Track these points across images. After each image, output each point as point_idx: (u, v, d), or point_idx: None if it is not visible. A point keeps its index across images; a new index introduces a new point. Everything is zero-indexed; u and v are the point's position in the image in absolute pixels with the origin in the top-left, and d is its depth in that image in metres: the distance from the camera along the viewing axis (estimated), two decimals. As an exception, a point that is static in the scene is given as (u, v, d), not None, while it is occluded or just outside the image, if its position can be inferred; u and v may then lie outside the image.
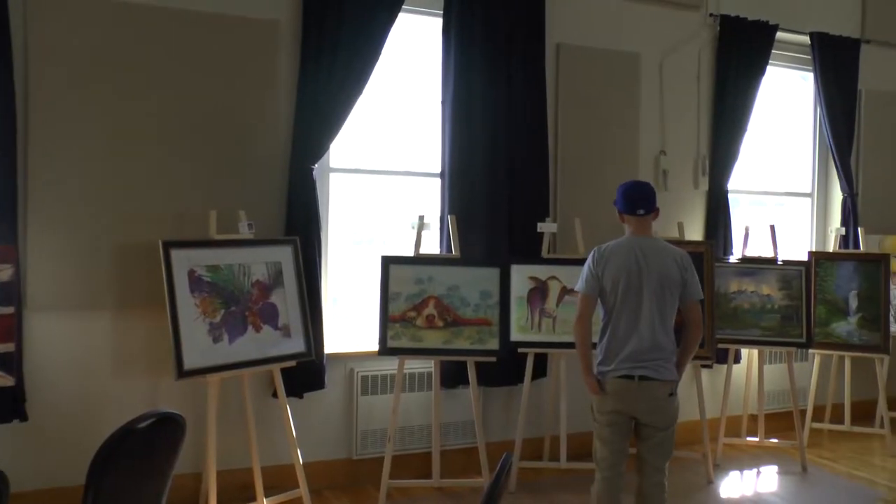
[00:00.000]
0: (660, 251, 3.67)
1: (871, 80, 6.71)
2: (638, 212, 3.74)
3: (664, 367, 3.57)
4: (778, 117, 6.63)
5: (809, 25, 6.35)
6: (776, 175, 6.63)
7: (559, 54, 5.34)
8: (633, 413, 3.59)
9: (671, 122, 5.79)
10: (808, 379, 6.06)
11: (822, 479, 5.23)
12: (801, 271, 5.60)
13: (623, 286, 3.60)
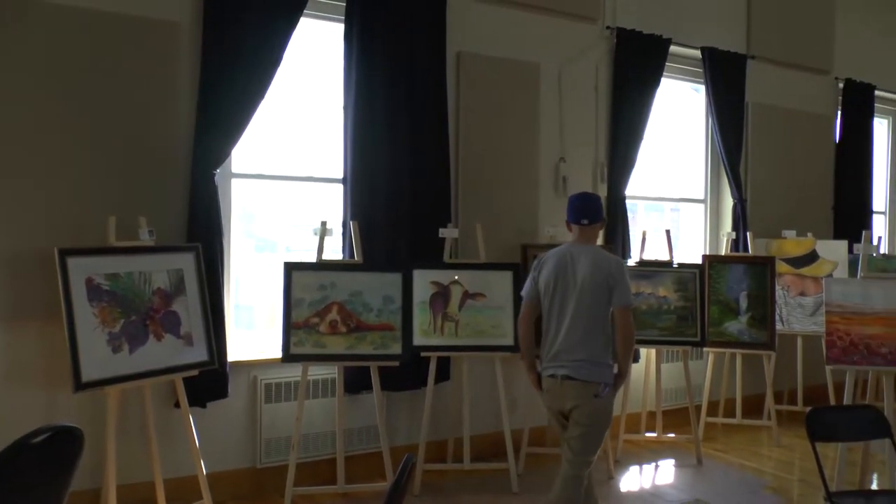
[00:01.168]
0: (591, 258, 3.89)
1: (757, 93, 7.23)
2: (582, 221, 4.01)
3: (587, 368, 3.78)
4: (673, 127, 7.05)
5: (701, 40, 6.80)
6: (672, 182, 7.04)
7: (460, 62, 5.55)
8: (561, 409, 3.87)
9: (570, 131, 6.09)
10: (703, 376, 6.47)
11: (716, 469, 5.61)
12: (696, 274, 5.98)
13: (552, 290, 3.90)
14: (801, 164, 7.65)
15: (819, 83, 7.88)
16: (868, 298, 4.62)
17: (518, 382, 5.71)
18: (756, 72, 7.21)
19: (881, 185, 9.03)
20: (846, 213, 7.98)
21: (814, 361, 6.70)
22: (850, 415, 4.09)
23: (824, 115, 7.94)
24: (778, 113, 7.44)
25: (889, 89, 8.57)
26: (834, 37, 7.97)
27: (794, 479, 5.45)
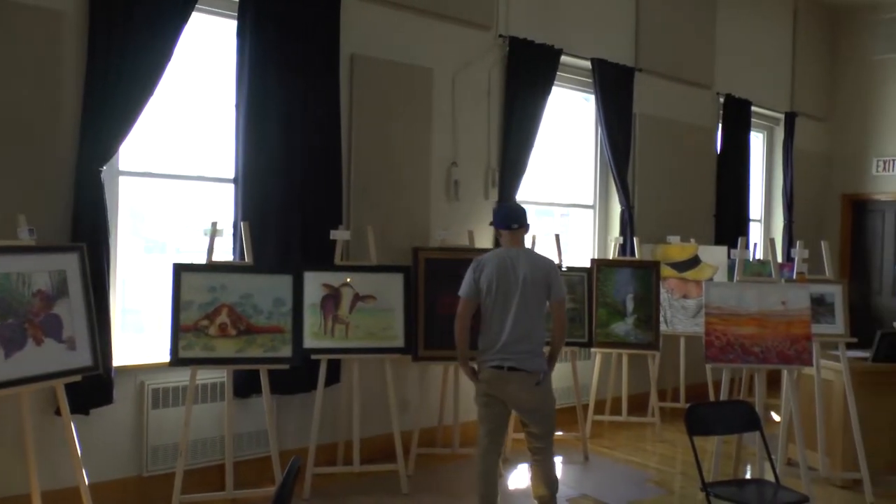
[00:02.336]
0: (528, 259, 4.36)
1: (644, 104, 7.61)
2: (512, 226, 4.44)
3: (530, 359, 4.23)
4: (564, 134, 7.32)
5: (591, 52, 7.11)
6: (562, 188, 7.29)
7: (353, 64, 5.62)
8: (504, 398, 4.27)
9: (463, 135, 6.25)
10: (591, 376, 6.72)
11: (602, 465, 5.88)
12: (584, 277, 6.24)
13: (495, 289, 4.28)
14: (685, 174, 8.08)
15: (702, 97, 8.34)
16: (743, 300, 4.93)
17: (408, 384, 5.82)
18: (643, 84, 7.57)
19: (757, 194, 9.60)
20: (726, 221, 8.46)
21: (696, 360, 7.06)
22: (725, 410, 4.38)
23: (706, 127, 8.41)
24: (664, 124, 7.84)
25: (764, 106, 9.18)
26: (715, 54, 8.47)
27: (675, 471, 5.77)
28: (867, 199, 10.21)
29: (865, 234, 10.27)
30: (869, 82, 10.11)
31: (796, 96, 9.76)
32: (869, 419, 5.44)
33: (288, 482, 2.22)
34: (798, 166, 9.60)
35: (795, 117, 9.60)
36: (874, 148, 10.08)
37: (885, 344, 5.65)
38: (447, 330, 5.44)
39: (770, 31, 9.40)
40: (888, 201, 10.03)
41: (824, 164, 10.39)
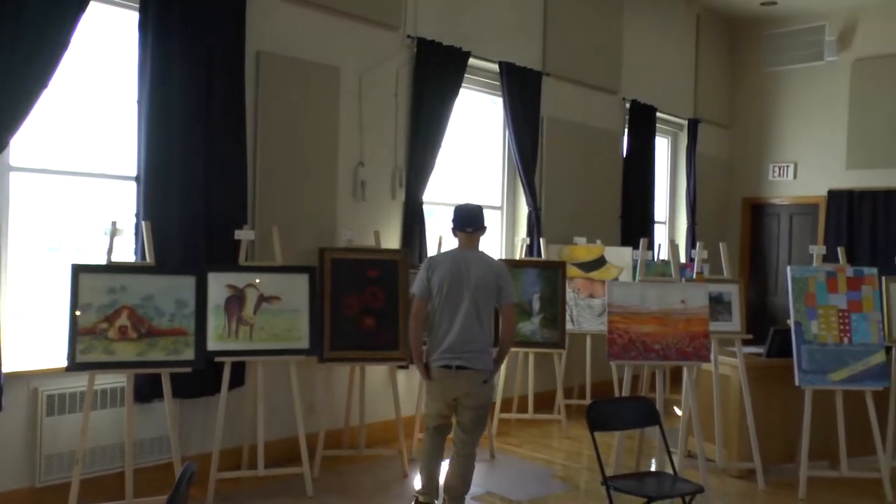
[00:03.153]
0: (480, 262, 4.53)
1: (552, 108, 7.78)
2: (467, 229, 4.59)
3: (478, 358, 4.42)
4: (473, 136, 7.40)
5: (499, 55, 7.22)
6: (470, 189, 7.37)
7: (259, 61, 5.56)
8: (452, 395, 4.44)
9: (370, 136, 6.26)
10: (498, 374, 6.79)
11: (508, 462, 5.98)
12: (489, 278, 6.29)
13: (446, 290, 4.44)
14: (592, 176, 8.29)
15: (608, 102, 8.58)
16: (644, 300, 5.09)
17: (314, 385, 5.79)
18: (551, 88, 7.73)
19: (662, 197, 9.92)
20: (632, 222, 8.72)
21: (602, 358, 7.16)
22: (626, 406, 4.53)
23: (613, 131, 8.65)
24: (571, 128, 8.02)
25: (668, 112, 9.51)
26: (621, 61, 8.72)
27: (580, 467, 5.94)
28: (765, 202, 10.68)
29: (763, 236, 10.75)
30: (764, 93, 10.60)
31: (699, 104, 10.14)
32: (763, 412, 5.73)
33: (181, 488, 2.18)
34: (701, 171, 9.98)
35: (698, 124, 9.97)
36: (770, 154, 10.57)
37: (778, 340, 5.93)
38: (353, 331, 5.53)
39: (674, 41, 9.74)
40: (783, 205, 10.53)
41: (725, 169, 10.81)
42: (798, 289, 5.66)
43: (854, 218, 9.78)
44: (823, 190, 10.03)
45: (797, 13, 10.07)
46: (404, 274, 5.72)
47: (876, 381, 5.55)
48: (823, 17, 9.97)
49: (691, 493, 4.00)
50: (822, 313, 5.63)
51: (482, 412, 4.51)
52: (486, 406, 4.56)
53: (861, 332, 5.61)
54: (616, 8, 8.65)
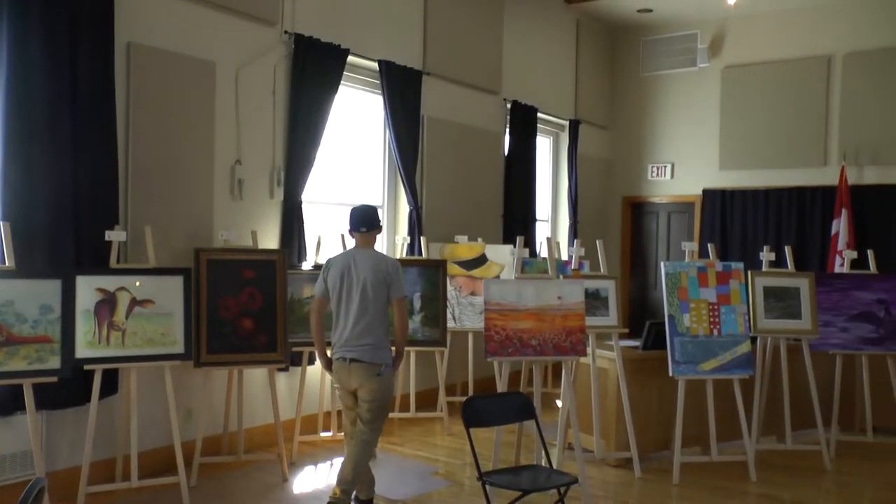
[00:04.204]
0: (371, 260, 4.79)
1: (432, 107, 7.83)
2: (361, 229, 4.87)
3: (372, 351, 4.67)
4: (354, 134, 7.38)
5: (379, 53, 7.22)
6: (351, 187, 7.34)
7: (130, 53, 5.36)
8: (350, 387, 4.73)
9: (247, 133, 6.15)
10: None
11: (391, 461, 6.00)
12: (371, 277, 6.28)
13: (339, 288, 4.74)
14: (473, 175, 8.40)
15: (489, 102, 8.71)
16: (521, 297, 5.18)
17: (191, 391, 5.65)
18: (431, 87, 7.79)
19: (545, 196, 10.14)
20: (514, 221, 8.87)
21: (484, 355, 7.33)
22: (502, 402, 4.61)
23: (494, 131, 8.79)
24: (452, 127, 8.11)
25: (549, 113, 9.75)
26: (502, 62, 8.86)
27: (462, 463, 6.01)
28: (644, 201, 11.09)
29: (643, 233, 11.15)
30: (642, 96, 11.01)
31: (580, 105, 10.42)
32: (639, 402, 5.96)
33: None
34: (582, 170, 10.26)
35: (579, 125, 10.25)
36: (649, 155, 10.98)
37: (653, 333, 6.17)
38: (231, 333, 5.44)
39: (555, 44, 9.98)
40: (661, 203, 10.96)
41: (606, 169, 11.16)
42: (671, 283, 5.90)
43: (727, 216, 10.28)
44: (699, 189, 10.50)
45: (671, 21, 10.53)
46: (282, 274, 5.65)
47: (742, 369, 5.85)
48: (696, 25, 10.46)
49: (566, 484, 4.10)
50: (693, 307, 5.88)
51: (376, 404, 4.70)
52: (381, 398, 4.73)
53: (729, 324, 5.90)
54: (496, 10, 8.79)
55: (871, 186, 9.38)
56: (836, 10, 9.59)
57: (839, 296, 6.69)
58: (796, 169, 9.82)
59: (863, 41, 9.45)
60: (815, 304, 6.41)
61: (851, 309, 6.66)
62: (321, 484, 5.53)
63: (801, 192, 9.77)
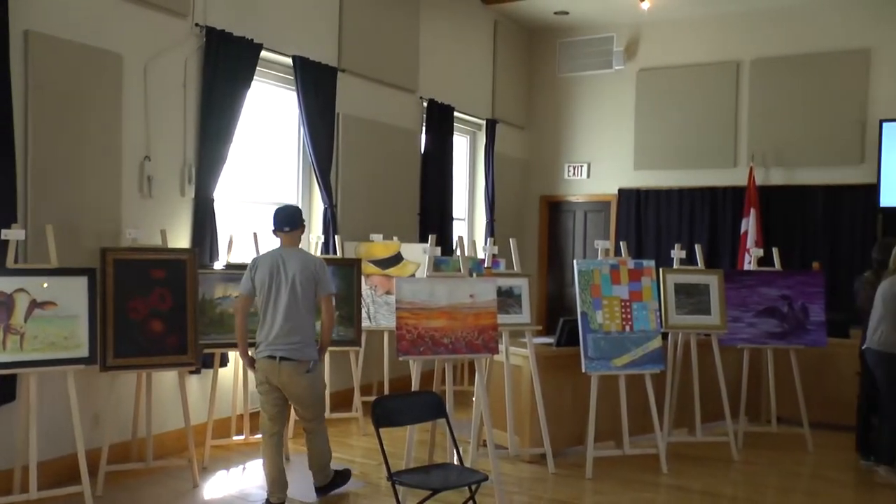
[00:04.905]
0: (299, 259, 4.94)
1: (348, 105, 7.77)
2: (284, 229, 5.01)
3: (300, 349, 4.83)
4: (268, 130, 7.26)
5: (293, 49, 7.11)
6: (265, 185, 7.23)
7: (28, 42, 5.10)
8: (277, 384, 4.85)
9: (157, 128, 5.97)
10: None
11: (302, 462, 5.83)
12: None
13: (267, 286, 4.86)
14: (389, 174, 8.37)
15: (405, 100, 8.70)
16: (433, 295, 5.16)
17: (98, 396, 5.46)
18: (347, 85, 7.73)
19: (462, 195, 10.18)
20: (431, 219, 8.88)
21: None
22: (412, 401, 4.59)
23: (410, 130, 8.78)
24: (368, 125, 8.06)
25: (466, 112, 9.81)
26: (418, 60, 8.86)
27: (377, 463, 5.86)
28: (561, 200, 11.25)
29: (560, 231, 11.31)
30: (559, 97, 11.18)
31: (497, 105, 10.50)
32: (553, 399, 6.03)
33: None
34: (499, 169, 10.34)
35: (496, 124, 10.32)
36: (565, 155, 11.15)
37: (567, 330, 6.24)
38: (139, 336, 5.28)
39: (472, 44, 10.03)
40: (578, 202, 11.14)
41: (523, 168, 11.27)
42: (584, 281, 5.98)
43: (642, 214, 10.53)
44: (614, 188, 10.72)
45: (588, 24, 10.71)
46: (193, 274, 5.52)
47: (654, 364, 5.98)
48: (611, 28, 10.68)
49: (476, 481, 4.11)
50: (606, 303, 5.98)
51: (312, 399, 4.95)
52: (313, 393, 4.96)
53: (641, 320, 6.01)
54: (413, 8, 8.77)
55: (778, 187, 9.74)
56: (743, 18, 9.92)
57: (747, 292, 6.89)
58: (708, 169, 10.12)
59: (768, 49, 9.82)
60: (724, 300, 6.60)
61: (758, 305, 6.86)
62: (233, 489, 5.43)
63: (712, 191, 10.08)
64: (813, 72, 9.55)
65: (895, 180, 8.93)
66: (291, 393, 4.87)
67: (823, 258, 9.18)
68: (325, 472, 5.18)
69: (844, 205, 9.43)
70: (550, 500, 5.37)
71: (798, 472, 6.17)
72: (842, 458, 6.46)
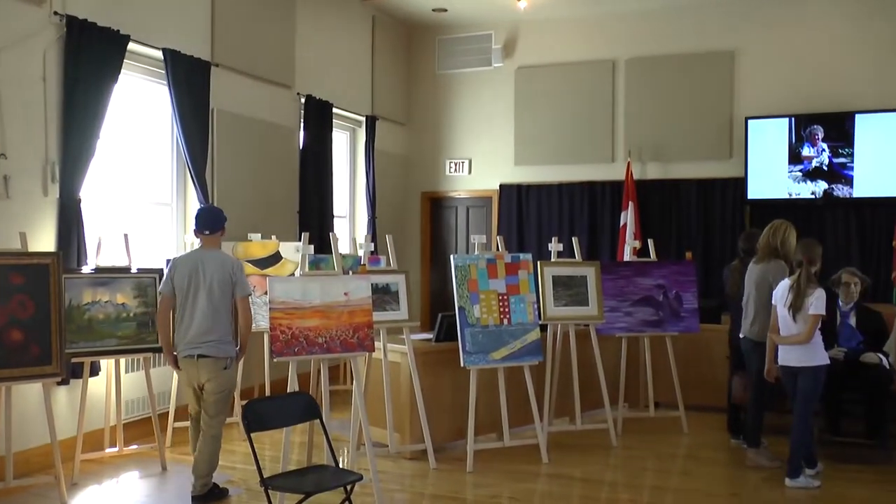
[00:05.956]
0: (216, 260, 5.12)
1: (223, 101, 7.57)
2: (205, 232, 5.20)
3: (217, 347, 5.03)
4: (139, 126, 7.00)
5: (163, 41, 6.85)
6: (138, 183, 6.98)
7: None
8: (197, 382, 5.07)
9: (14, 124, 5.63)
10: (171, 382, 6.51)
11: (181, 473, 5.71)
12: (156, 278, 5.98)
13: (186, 287, 5.04)
14: (267, 171, 8.23)
15: (282, 96, 8.55)
16: (307, 294, 5.10)
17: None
18: (221, 80, 7.52)
19: (343, 192, 10.10)
20: (311, 218, 8.76)
21: (271, 356, 7.18)
22: (284, 403, 4.52)
23: (288, 126, 8.64)
24: (244, 122, 7.89)
25: (346, 108, 9.74)
26: (295, 55, 8.72)
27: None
28: (443, 196, 11.30)
29: (442, 227, 11.36)
30: (439, 93, 11.21)
31: (376, 101, 10.44)
32: (433, 394, 6.06)
33: None
34: (380, 166, 10.31)
35: (376, 121, 10.27)
36: (446, 151, 11.20)
37: (446, 325, 6.27)
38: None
39: (350, 40, 9.92)
40: (460, 198, 11.23)
41: (404, 165, 11.27)
42: (461, 276, 6.02)
43: (523, 209, 10.70)
44: (496, 184, 10.85)
45: (466, 21, 10.79)
46: (56, 279, 5.24)
47: (532, 356, 6.08)
48: (490, 26, 10.79)
49: (351, 481, 4.07)
50: (483, 298, 6.03)
51: (222, 396, 5.09)
52: (227, 390, 5.12)
53: (518, 313, 6.10)
54: (288, 1, 8.63)
55: (654, 181, 10.07)
56: (618, 19, 10.22)
57: (623, 282, 7.09)
58: (587, 165, 10.37)
59: (642, 48, 10.15)
60: (600, 291, 6.77)
61: (634, 294, 7.08)
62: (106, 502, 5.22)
63: (591, 186, 10.33)
64: (684, 71, 9.92)
65: (761, 174, 9.42)
66: (207, 389, 5.05)
67: (697, 248, 9.60)
68: (206, 482, 5.11)
69: (716, 197, 9.84)
70: (431, 496, 5.38)
71: (674, 454, 6.42)
72: (714, 439, 6.77)
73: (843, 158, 9.12)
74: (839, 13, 9.34)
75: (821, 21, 9.41)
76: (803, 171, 9.28)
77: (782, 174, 9.36)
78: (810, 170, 9.25)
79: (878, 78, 9.14)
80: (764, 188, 9.43)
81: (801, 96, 9.39)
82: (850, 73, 9.25)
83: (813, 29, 9.43)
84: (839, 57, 9.31)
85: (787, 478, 5.49)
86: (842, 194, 9.15)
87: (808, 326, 5.34)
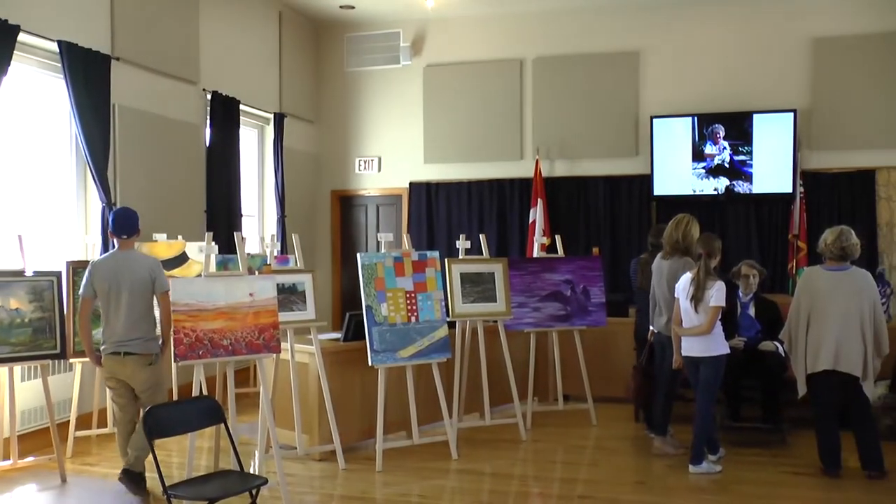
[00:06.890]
0: (134, 261, 5.28)
1: (124, 96, 7.32)
2: (122, 235, 5.30)
3: (142, 343, 5.17)
4: (35, 121, 6.71)
5: (58, 33, 6.56)
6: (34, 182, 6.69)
7: None
8: (123, 378, 5.19)
9: None
10: (71, 389, 6.29)
11: (82, 484, 5.53)
12: (53, 281, 5.76)
13: (107, 289, 5.14)
14: (172, 170, 8.00)
15: (187, 92, 8.32)
16: (210, 295, 4.99)
17: None
18: (123, 74, 7.27)
19: (252, 190, 9.93)
20: (218, 217, 8.57)
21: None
22: (187, 408, 4.39)
23: (193, 123, 8.41)
24: (147, 118, 7.65)
25: (253, 105, 9.58)
26: (200, 51, 8.50)
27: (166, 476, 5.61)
28: (353, 194, 11.23)
29: (352, 226, 11.29)
30: (348, 91, 11.13)
31: (284, 98, 10.28)
32: (342, 394, 6.01)
33: None
34: (289, 164, 10.17)
35: (284, 118, 10.12)
36: (356, 149, 11.13)
37: (354, 324, 6.23)
38: None
39: (256, 36, 9.74)
40: (370, 196, 11.17)
41: (313, 163, 11.14)
42: (368, 274, 5.99)
43: (433, 207, 10.73)
44: (405, 182, 10.85)
45: (374, 19, 10.73)
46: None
47: (440, 353, 6.10)
48: (398, 24, 10.77)
49: (256, 486, 4.00)
50: (391, 296, 6.01)
51: (154, 389, 5.20)
52: (157, 383, 5.24)
53: (426, 311, 6.10)
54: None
55: (562, 178, 10.23)
56: (525, 19, 10.33)
57: (531, 278, 7.17)
58: (496, 162, 10.46)
59: (549, 48, 10.30)
60: (508, 287, 6.83)
61: (542, 290, 7.17)
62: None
63: (500, 183, 10.43)
64: (590, 71, 10.10)
65: (666, 171, 9.68)
66: (136, 383, 5.17)
67: (605, 243, 9.82)
68: (140, 455, 5.14)
69: (622, 194, 10.08)
70: (340, 497, 5.33)
71: (583, 446, 6.52)
72: (622, 429, 6.94)
73: (743, 156, 9.46)
74: (738, 16, 9.66)
75: (721, 24, 9.73)
76: (706, 168, 9.59)
77: (686, 171, 9.64)
78: (713, 167, 9.57)
79: (773, 79, 9.51)
80: (669, 185, 9.69)
81: (704, 96, 9.70)
82: (748, 75, 9.62)
83: (714, 31, 9.75)
84: (739, 58, 9.66)
85: (690, 464, 5.65)
86: (742, 190, 9.50)
87: (708, 318, 5.50)
